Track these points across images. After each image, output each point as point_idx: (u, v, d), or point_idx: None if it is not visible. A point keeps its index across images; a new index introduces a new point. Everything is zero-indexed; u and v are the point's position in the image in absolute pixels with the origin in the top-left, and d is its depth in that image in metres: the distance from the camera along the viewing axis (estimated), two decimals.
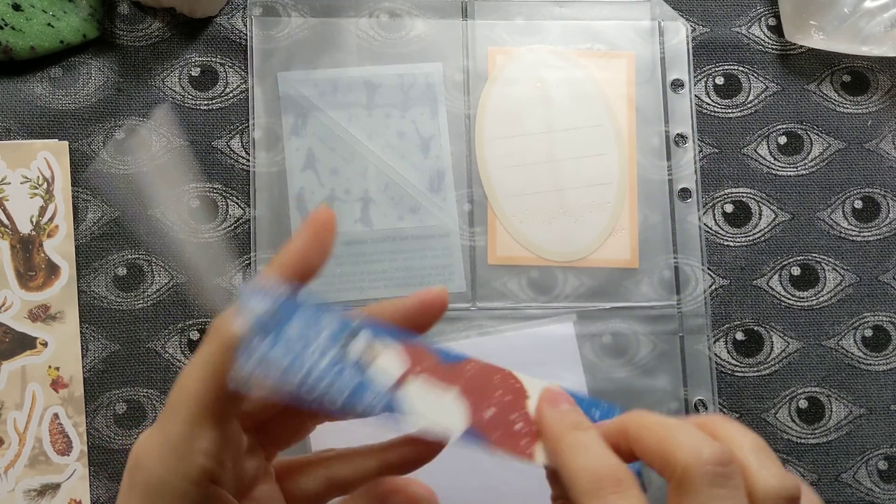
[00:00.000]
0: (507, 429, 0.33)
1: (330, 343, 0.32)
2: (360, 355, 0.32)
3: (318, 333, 0.31)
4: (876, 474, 0.50)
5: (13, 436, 0.46)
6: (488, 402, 0.33)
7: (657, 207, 0.51)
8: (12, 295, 0.47)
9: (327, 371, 0.31)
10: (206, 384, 0.29)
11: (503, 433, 0.33)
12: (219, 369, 0.29)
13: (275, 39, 0.51)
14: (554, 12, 0.53)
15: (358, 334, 0.32)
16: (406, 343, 0.33)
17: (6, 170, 0.48)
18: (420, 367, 0.32)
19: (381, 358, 0.32)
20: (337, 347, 0.31)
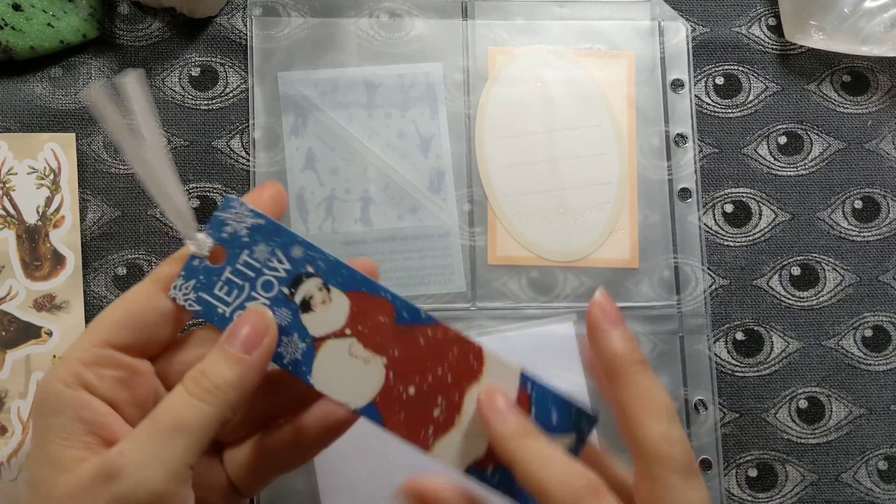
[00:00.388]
0: (420, 412, 0.31)
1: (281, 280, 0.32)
2: (305, 297, 0.32)
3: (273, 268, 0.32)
4: (876, 474, 0.50)
5: (17, 424, 0.46)
6: (416, 379, 0.31)
7: (657, 207, 0.51)
8: (18, 284, 0.47)
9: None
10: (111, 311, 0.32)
11: (410, 416, 0.31)
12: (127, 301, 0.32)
13: (275, 39, 0.51)
14: (554, 12, 0.53)
15: (311, 277, 0.32)
16: (363, 296, 0.32)
17: (13, 160, 0.48)
18: (361, 325, 0.32)
19: (325, 307, 0.32)
20: (286, 286, 0.32)
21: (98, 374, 0.31)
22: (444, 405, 0.31)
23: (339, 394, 0.32)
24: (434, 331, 0.32)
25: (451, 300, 0.49)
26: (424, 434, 0.31)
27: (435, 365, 0.32)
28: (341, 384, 0.32)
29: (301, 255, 0.32)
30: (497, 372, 0.32)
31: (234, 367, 0.31)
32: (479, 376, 0.32)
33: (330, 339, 0.32)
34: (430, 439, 0.31)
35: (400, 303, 0.32)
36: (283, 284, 0.32)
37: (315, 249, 0.32)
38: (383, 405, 0.31)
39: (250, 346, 0.31)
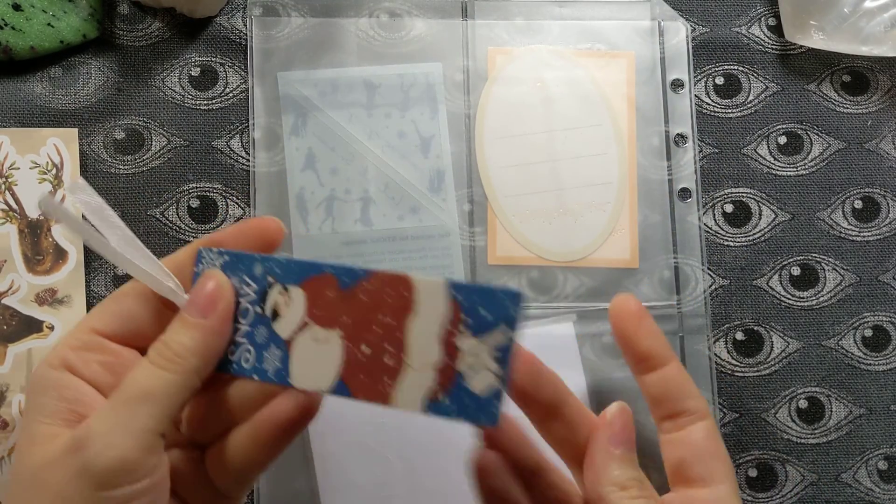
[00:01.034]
0: (375, 367, 0.30)
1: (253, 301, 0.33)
2: (272, 307, 0.32)
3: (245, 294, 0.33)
4: (876, 474, 0.50)
5: (18, 419, 0.46)
6: (367, 336, 0.30)
7: (657, 207, 0.51)
8: (20, 278, 0.47)
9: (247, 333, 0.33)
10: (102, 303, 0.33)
11: (368, 374, 0.30)
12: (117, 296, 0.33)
13: (275, 39, 0.51)
14: (554, 12, 0.53)
15: (272, 286, 0.32)
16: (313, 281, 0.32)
17: (15, 155, 0.48)
18: (316, 308, 0.32)
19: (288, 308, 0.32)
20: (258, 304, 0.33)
21: (83, 357, 0.32)
22: (392, 350, 0.30)
23: (313, 383, 0.31)
24: (370, 282, 0.30)
25: None
26: (382, 387, 0.30)
27: (377, 314, 0.30)
28: (313, 373, 0.31)
29: (261, 270, 0.33)
30: (426, 294, 0.30)
31: (192, 333, 0.31)
32: (412, 305, 0.30)
33: (297, 336, 0.32)
34: (388, 390, 0.30)
35: (338, 270, 0.31)
36: (255, 305, 0.33)
37: (270, 259, 0.33)
38: (347, 376, 0.31)
39: (207, 311, 0.32)
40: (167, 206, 0.49)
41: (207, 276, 0.33)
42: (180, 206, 0.50)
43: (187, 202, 0.50)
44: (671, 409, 0.34)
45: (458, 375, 0.29)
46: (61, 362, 0.32)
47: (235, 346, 0.33)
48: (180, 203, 0.50)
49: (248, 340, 0.33)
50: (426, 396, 0.29)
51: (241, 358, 0.33)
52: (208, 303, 0.32)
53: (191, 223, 0.49)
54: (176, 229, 0.49)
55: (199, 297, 0.32)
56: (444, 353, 0.29)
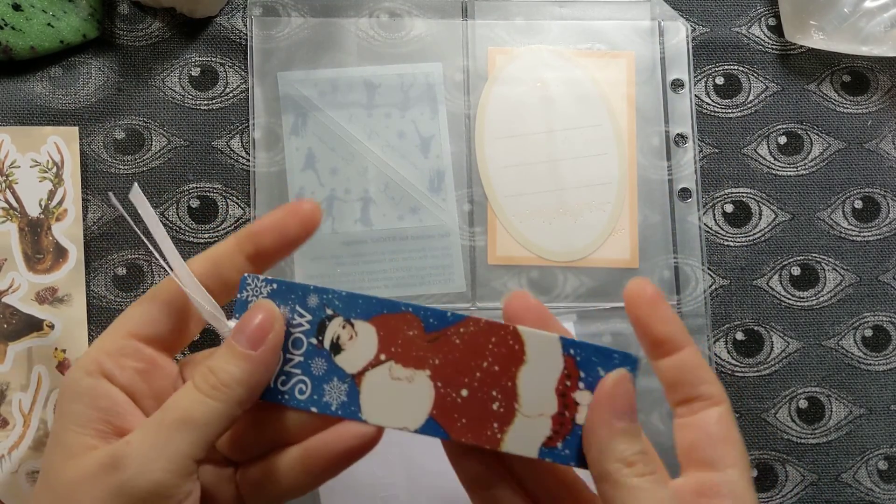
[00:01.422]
0: (480, 411, 0.31)
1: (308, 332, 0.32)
2: (332, 340, 0.32)
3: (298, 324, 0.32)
4: (876, 474, 0.50)
5: (18, 417, 0.46)
6: (465, 380, 0.31)
7: (657, 207, 0.51)
8: (20, 277, 0.47)
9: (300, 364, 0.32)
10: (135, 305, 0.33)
11: (471, 419, 0.31)
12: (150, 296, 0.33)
13: (275, 39, 0.51)
14: (554, 12, 0.53)
15: (332, 319, 0.32)
16: (387, 318, 0.31)
17: (16, 153, 0.48)
18: (393, 346, 0.31)
19: (353, 342, 0.32)
20: (313, 336, 0.32)
21: (119, 363, 0.32)
22: (500, 397, 0.31)
23: (394, 421, 0.31)
24: (465, 327, 0.31)
25: (451, 300, 0.49)
26: (490, 432, 0.31)
27: (479, 360, 0.31)
28: (393, 410, 0.31)
29: (317, 301, 0.32)
30: (539, 347, 0.31)
31: (240, 364, 0.31)
32: (523, 357, 0.31)
33: (368, 371, 0.31)
34: (498, 435, 0.31)
35: (424, 311, 0.31)
36: (310, 336, 0.32)
37: (327, 291, 0.32)
38: (441, 416, 0.31)
39: (256, 342, 0.31)
40: (167, 206, 0.49)
41: (258, 306, 0.32)
42: (180, 206, 0.50)
43: (187, 202, 0.50)
44: (686, 393, 0.34)
45: (576, 427, 0.31)
46: (97, 368, 0.31)
47: (287, 377, 0.32)
48: (180, 203, 0.50)
49: (303, 372, 0.32)
50: (542, 443, 0.31)
51: (296, 389, 0.32)
52: (258, 334, 0.31)
53: (191, 223, 0.49)
54: (176, 229, 0.49)
55: (249, 326, 0.31)
56: (560, 404, 0.31)
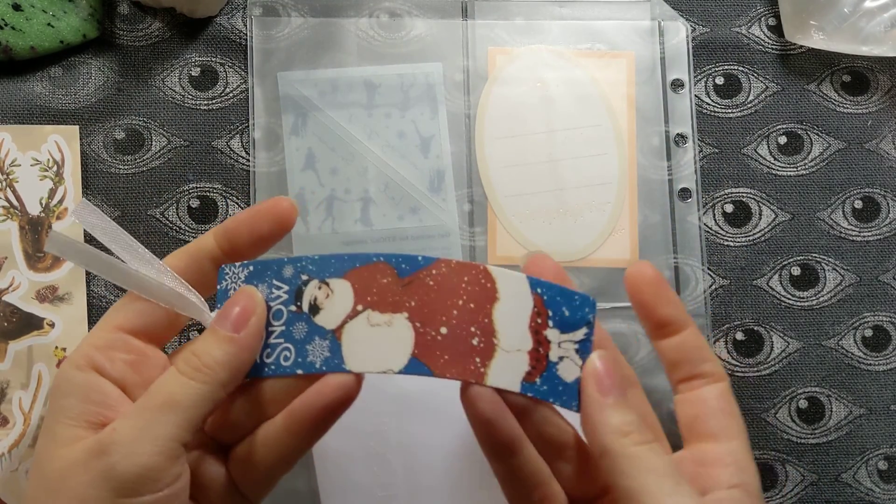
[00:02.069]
0: (461, 347, 0.32)
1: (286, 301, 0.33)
2: (310, 302, 0.32)
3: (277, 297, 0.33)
4: (876, 474, 0.50)
5: (18, 415, 0.46)
6: (443, 318, 0.32)
7: (657, 207, 0.51)
8: (20, 276, 0.47)
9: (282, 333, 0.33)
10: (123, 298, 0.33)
11: (453, 354, 0.31)
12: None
13: (275, 39, 0.51)
14: (554, 12, 0.53)
15: (308, 283, 0.33)
16: (359, 271, 0.32)
17: (17, 152, 0.48)
18: (369, 296, 0.32)
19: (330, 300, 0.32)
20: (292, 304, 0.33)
21: (109, 356, 0.32)
22: (479, 333, 0.32)
23: (377, 365, 0.32)
24: (437, 268, 0.32)
25: None
26: (474, 366, 0.32)
27: (454, 299, 0.32)
28: (375, 355, 0.32)
29: (292, 271, 0.33)
30: (509, 286, 0.32)
31: (223, 346, 0.31)
32: (496, 295, 0.32)
33: (347, 324, 0.32)
34: (482, 369, 0.32)
35: (395, 258, 0.32)
36: (289, 305, 0.33)
37: (300, 259, 0.33)
38: (423, 355, 0.32)
39: (239, 325, 0.32)
40: (167, 206, 0.49)
41: (240, 293, 0.33)
42: (180, 206, 0.50)
43: (187, 202, 0.50)
44: (687, 372, 0.35)
45: (550, 364, 0.32)
46: (87, 362, 0.31)
47: (271, 349, 0.33)
48: (180, 203, 0.50)
49: (286, 339, 0.33)
50: (523, 378, 0.32)
51: (280, 357, 0.33)
52: (241, 317, 0.32)
53: (191, 223, 0.49)
54: (176, 229, 0.49)
55: (231, 311, 0.32)
56: (535, 341, 0.32)
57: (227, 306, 0.32)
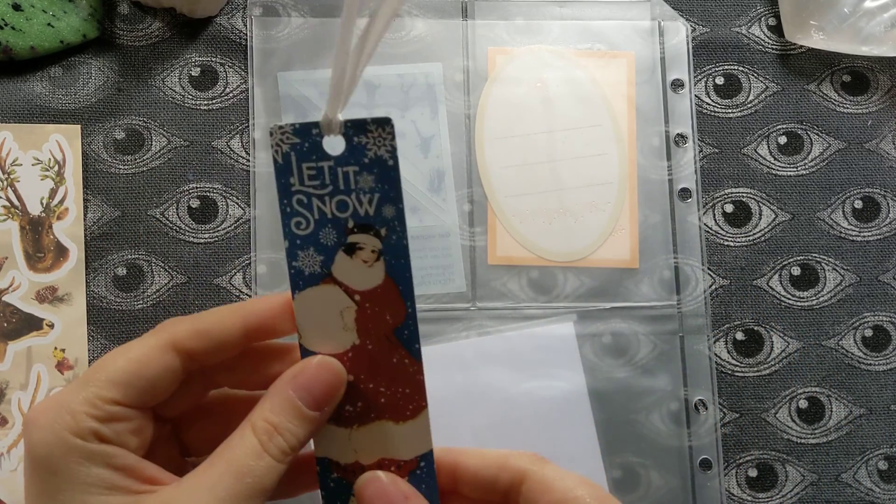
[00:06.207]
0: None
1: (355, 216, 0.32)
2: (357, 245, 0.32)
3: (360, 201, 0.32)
4: (876, 474, 0.50)
5: (17, 416, 0.46)
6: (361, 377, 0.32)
7: (657, 207, 0.51)
8: (20, 276, 0.47)
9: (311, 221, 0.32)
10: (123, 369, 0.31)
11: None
12: (142, 363, 0.31)
13: (275, 39, 0.51)
14: (554, 12, 0.53)
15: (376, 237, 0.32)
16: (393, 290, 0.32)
17: (18, 151, 0.48)
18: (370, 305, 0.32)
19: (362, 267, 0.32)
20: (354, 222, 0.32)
21: (113, 429, 0.31)
22: (355, 413, 0.32)
23: (305, 327, 0.32)
24: (411, 364, 0.32)
25: (451, 300, 0.49)
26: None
27: (384, 383, 0.32)
28: (312, 323, 0.32)
29: (388, 215, 0.32)
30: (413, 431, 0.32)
31: (305, 425, 0.31)
32: (400, 421, 0.32)
33: (337, 288, 0.32)
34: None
35: (412, 321, 0.32)
36: (354, 218, 0.32)
37: (401, 226, 0.32)
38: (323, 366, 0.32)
39: (321, 405, 0.31)
40: (167, 206, 0.49)
41: (324, 364, 0.32)
42: (180, 206, 0.50)
43: (187, 202, 0.50)
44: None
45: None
46: (93, 435, 0.30)
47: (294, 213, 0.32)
48: (180, 203, 0.50)
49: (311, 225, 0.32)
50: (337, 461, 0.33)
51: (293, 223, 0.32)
52: (324, 397, 0.31)
53: (191, 223, 0.49)
54: (176, 229, 0.49)
55: (316, 386, 0.31)
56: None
57: (312, 380, 0.31)
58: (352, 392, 0.32)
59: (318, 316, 0.32)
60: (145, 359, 0.31)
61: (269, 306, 0.33)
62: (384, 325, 0.32)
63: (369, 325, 0.32)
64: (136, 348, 0.32)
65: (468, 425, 0.47)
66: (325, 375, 0.32)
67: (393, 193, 0.31)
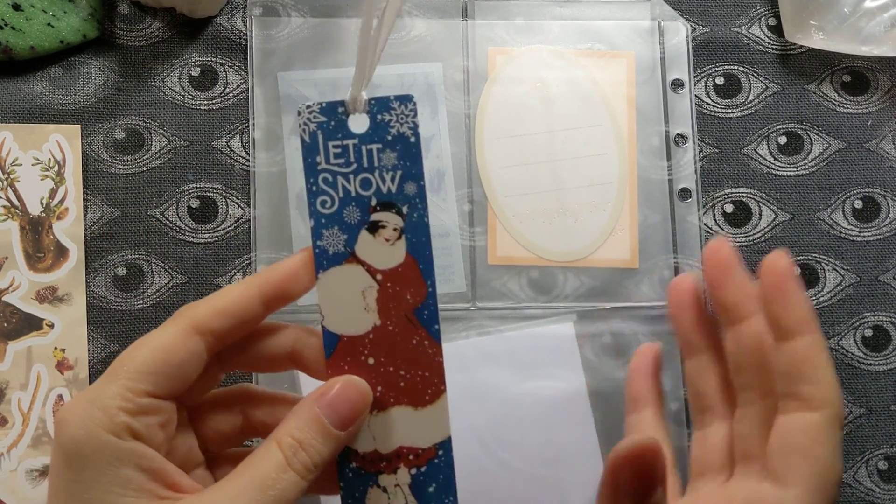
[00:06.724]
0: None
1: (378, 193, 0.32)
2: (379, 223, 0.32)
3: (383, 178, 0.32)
4: (876, 474, 0.50)
5: (17, 416, 0.46)
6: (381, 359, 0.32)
7: (657, 207, 0.51)
8: (20, 276, 0.47)
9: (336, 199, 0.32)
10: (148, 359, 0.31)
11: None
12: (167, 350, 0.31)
13: (275, 39, 0.51)
14: (554, 12, 0.53)
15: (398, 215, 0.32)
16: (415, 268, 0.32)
17: (18, 151, 0.48)
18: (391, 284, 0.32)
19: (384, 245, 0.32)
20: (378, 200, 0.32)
21: (144, 422, 0.31)
22: (375, 398, 0.32)
23: (328, 308, 0.32)
24: (431, 346, 0.32)
25: (451, 300, 0.49)
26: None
27: (403, 366, 0.32)
28: (334, 304, 0.32)
29: (410, 193, 0.32)
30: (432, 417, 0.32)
31: (331, 445, 0.31)
32: (419, 406, 0.32)
33: (360, 267, 0.32)
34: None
35: (432, 301, 0.32)
36: (377, 196, 0.32)
37: (422, 203, 0.32)
38: (343, 348, 0.32)
39: (346, 423, 0.31)
40: (167, 206, 0.49)
41: (350, 383, 0.32)
42: (180, 206, 0.50)
43: (187, 202, 0.50)
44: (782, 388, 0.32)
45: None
46: (126, 430, 0.30)
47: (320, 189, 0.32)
48: (180, 203, 0.50)
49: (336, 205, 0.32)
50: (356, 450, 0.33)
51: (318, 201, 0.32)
52: (350, 416, 0.31)
53: (191, 223, 0.49)
54: (176, 229, 0.49)
55: (340, 404, 0.31)
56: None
57: (338, 399, 0.31)
58: (372, 376, 0.32)
59: (341, 296, 0.32)
60: (171, 346, 0.31)
61: (281, 271, 0.33)
62: (405, 304, 0.32)
63: (390, 305, 0.32)
64: (159, 337, 0.32)
65: (468, 425, 0.47)
66: (351, 394, 0.32)
67: (415, 170, 0.32)
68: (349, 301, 0.32)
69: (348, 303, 0.32)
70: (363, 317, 0.32)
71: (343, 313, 0.32)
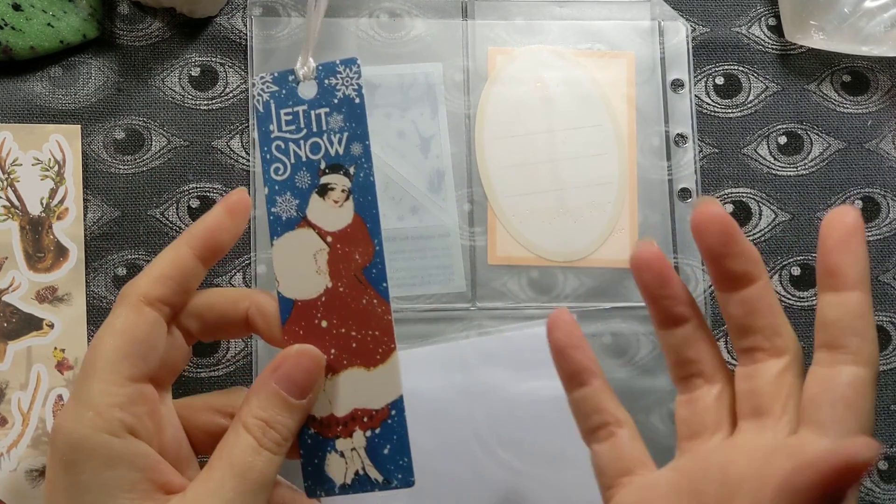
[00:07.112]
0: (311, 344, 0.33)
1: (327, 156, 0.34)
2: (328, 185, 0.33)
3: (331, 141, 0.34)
4: (876, 474, 0.50)
5: (17, 416, 0.46)
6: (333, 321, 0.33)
7: (657, 207, 0.51)
8: (20, 276, 0.47)
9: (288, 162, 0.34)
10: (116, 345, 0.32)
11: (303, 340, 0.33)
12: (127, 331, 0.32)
13: (275, 39, 0.51)
14: (554, 12, 0.53)
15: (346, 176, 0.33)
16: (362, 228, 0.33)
17: (18, 151, 0.48)
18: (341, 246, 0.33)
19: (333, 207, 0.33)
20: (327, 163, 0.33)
21: (134, 413, 0.31)
22: (329, 362, 0.33)
23: (282, 273, 0.33)
24: (380, 304, 0.33)
25: (451, 300, 0.49)
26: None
27: (354, 326, 0.33)
28: (288, 269, 0.33)
29: (356, 153, 0.33)
30: (384, 377, 0.33)
31: (295, 415, 0.32)
32: (370, 366, 0.33)
33: (311, 231, 0.33)
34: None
35: (379, 260, 0.33)
36: (325, 159, 0.33)
37: (368, 163, 0.33)
38: (297, 313, 0.33)
39: (305, 391, 0.32)
40: (167, 206, 0.49)
41: (302, 352, 0.33)
42: (180, 206, 0.50)
43: (187, 202, 0.50)
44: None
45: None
46: (121, 426, 0.30)
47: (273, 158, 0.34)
48: (180, 203, 0.50)
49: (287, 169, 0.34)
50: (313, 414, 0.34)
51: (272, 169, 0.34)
52: (307, 383, 0.32)
53: (191, 223, 0.49)
54: (176, 229, 0.49)
55: (295, 373, 0.32)
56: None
57: (292, 369, 0.32)
58: (326, 339, 0.33)
59: (294, 261, 0.33)
60: (129, 325, 0.32)
61: (206, 224, 0.34)
62: (354, 264, 0.33)
63: (340, 266, 0.33)
64: (115, 321, 0.33)
65: (468, 425, 0.47)
66: (304, 362, 0.32)
67: (360, 131, 0.33)
68: (302, 265, 0.33)
69: (301, 267, 0.33)
70: (315, 280, 0.33)
71: (296, 278, 0.33)
